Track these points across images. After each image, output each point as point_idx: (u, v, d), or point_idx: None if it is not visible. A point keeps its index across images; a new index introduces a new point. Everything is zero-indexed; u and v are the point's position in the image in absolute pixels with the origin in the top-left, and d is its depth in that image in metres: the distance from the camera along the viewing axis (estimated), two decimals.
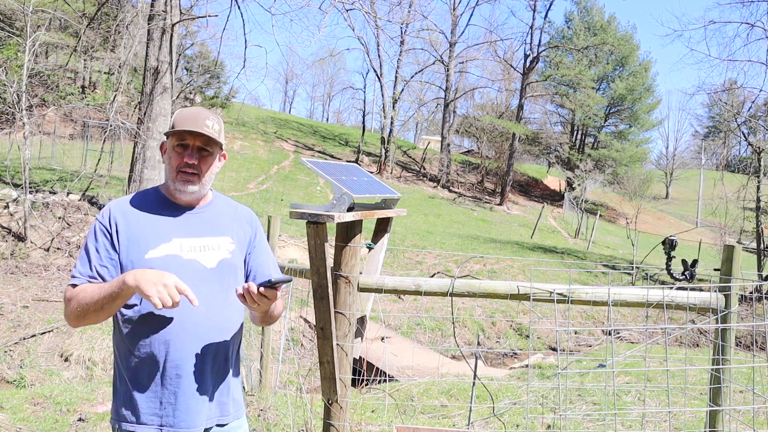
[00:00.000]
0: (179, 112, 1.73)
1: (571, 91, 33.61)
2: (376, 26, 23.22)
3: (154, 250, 1.64)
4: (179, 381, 1.64)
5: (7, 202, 9.03)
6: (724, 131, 40.75)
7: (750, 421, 4.27)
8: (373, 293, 2.80)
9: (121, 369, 1.66)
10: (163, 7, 9.44)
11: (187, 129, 1.66)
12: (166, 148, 1.73)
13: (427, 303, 9.69)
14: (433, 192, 28.69)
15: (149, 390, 1.63)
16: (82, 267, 1.63)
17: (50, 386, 5.01)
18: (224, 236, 1.77)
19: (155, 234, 1.66)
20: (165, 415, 1.64)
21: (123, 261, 1.64)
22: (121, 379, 1.66)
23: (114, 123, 10.39)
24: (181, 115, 1.70)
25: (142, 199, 1.73)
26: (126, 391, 1.65)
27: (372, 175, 3.29)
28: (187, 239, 1.70)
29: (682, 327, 6.99)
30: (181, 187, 1.69)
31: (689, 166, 57.20)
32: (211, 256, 1.72)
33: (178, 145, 1.70)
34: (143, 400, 1.63)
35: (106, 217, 1.66)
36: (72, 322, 1.62)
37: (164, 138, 1.75)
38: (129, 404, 1.64)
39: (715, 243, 19.75)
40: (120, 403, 1.66)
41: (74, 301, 1.58)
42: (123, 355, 1.66)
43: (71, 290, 1.60)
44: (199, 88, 27.13)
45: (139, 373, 1.64)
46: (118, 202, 1.70)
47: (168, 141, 1.73)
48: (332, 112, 73.40)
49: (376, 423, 4.19)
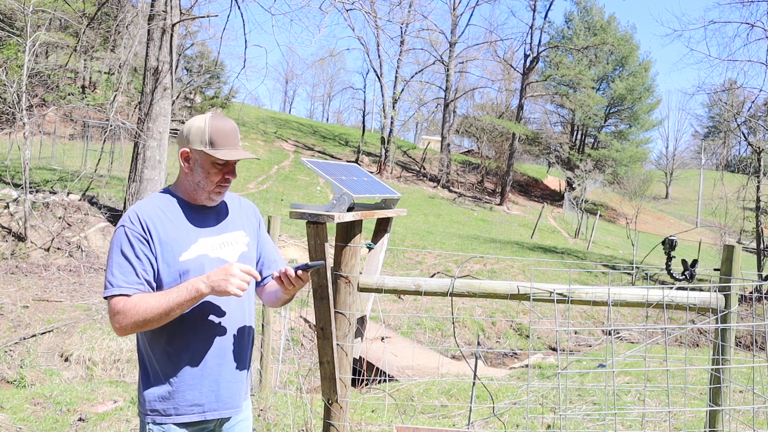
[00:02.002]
0: (214, 126, 1.73)
1: (571, 91, 33.61)
2: (376, 26, 23.22)
3: (186, 252, 1.71)
4: (221, 368, 1.75)
5: (8, 202, 9.04)
6: (724, 131, 40.75)
7: (750, 421, 4.27)
8: (373, 293, 2.80)
9: (155, 365, 1.72)
10: (163, 7, 9.44)
11: (236, 158, 1.72)
12: (196, 158, 1.74)
13: (427, 303, 9.69)
14: (433, 192, 28.69)
15: (190, 381, 1.71)
16: (127, 276, 1.64)
17: (50, 386, 5.01)
18: (239, 231, 1.87)
19: (184, 237, 1.73)
20: (207, 402, 1.74)
21: (159, 265, 1.69)
22: (155, 375, 1.72)
23: (114, 123, 10.39)
24: (220, 132, 1.72)
25: (162, 203, 1.76)
26: (163, 386, 1.70)
27: (372, 175, 3.29)
28: (209, 238, 1.78)
29: (682, 327, 6.98)
30: (215, 198, 1.78)
31: (689, 166, 57.22)
32: (231, 251, 1.82)
33: (219, 163, 1.74)
34: (185, 392, 1.71)
35: (137, 223, 1.67)
36: (127, 331, 1.63)
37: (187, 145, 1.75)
38: (168, 399, 1.71)
39: (715, 243, 19.75)
40: (155, 399, 1.71)
41: (134, 312, 1.60)
42: (160, 351, 1.71)
43: (125, 301, 1.61)
44: (199, 88, 27.12)
45: (181, 367, 1.70)
46: (142, 208, 1.71)
47: (200, 154, 1.74)
48: (332, 112, 73.45)
49: (376, 423, 4.19)
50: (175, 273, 1.69)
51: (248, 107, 36.56)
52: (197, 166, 1.74)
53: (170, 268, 1.68)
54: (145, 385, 1.73)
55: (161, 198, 1.78)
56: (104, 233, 9.40)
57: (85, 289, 7.70)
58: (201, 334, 1.72)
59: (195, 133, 1.72)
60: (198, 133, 1.72)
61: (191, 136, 1.73)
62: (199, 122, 1.74)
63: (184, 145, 1.75)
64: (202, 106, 27.79)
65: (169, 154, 10.58)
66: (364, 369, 6.41)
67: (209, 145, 1.71)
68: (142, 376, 1.76)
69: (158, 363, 1.71)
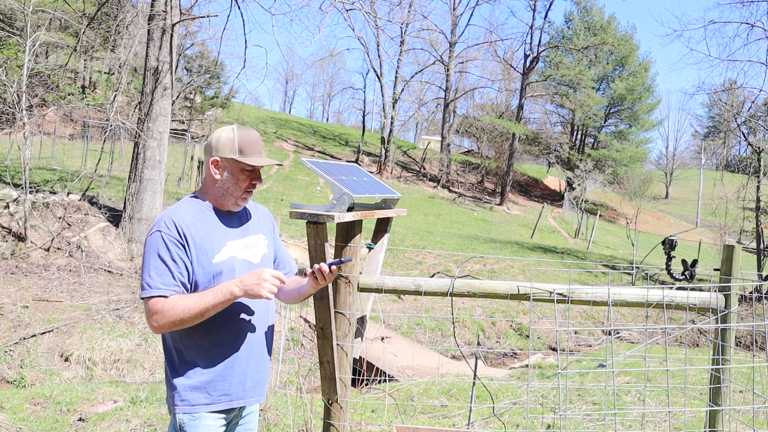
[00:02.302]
0: (242, 135, 1.88)
1: (571, 91, 33.60)
2: (376, 26, 23.21)
3: (218, 255, 1.85)
4: (248, 360, 1.90)
5: (8, 202, 9.03)
6: (724, 131, 40.75)
7: (750, 421, 4.27)
8: (373, 293, 2.80)
9: (187, 359, 1.84)
10: (163, 7, 9.44)
11: (263, 164, 1.89)
12: (225, 165, 1.88)
13: (427, 303, 9.69)
14: (433, 192, 28.69)
15: (222, 373, 1.85)
16: (164, 278, 1.75)
17: (50, 386, 5.01)
18: (259, 234, 2.02)
19: (216, 240, 1.86)
20: (235, 391, 1.88)
21: (195, 267, 1.82)
22: (187, 368, 1.83)
23: (114, 123, 10.39)
24: (247, 140, 1.88)
25: (194, 209, 1.88)
26: (195, 377, 1.83)
27: (372, 175, 3.29)
28: (236, 241, 1.92)
29: (682, 327, 6.98)
30: (241, 203, 1.93)
31: (689, 166, 57.21)
32: (255, 252, 1.96)
33: (248, 170, 1.89)
34: (216, 383, 1.85)
35: (173, 228, 1.78)
36: (164, 329, 1.75)
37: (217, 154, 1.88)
38: (200, 389, 1.83)
39: (715, 243, 19.75)
40: (187, 390, 1.83)
41: (172, 312, 1.72)
42: (193, 345, 1.83)
43: (163, 302, 1.73)
44: (199, 88, 27.12)
45: (214, 360, 1.84)
46: (176, 214, 1.82)
47: (230, 162, 1.87)
48: (332, 112, 73.45)
49: (376, 423, 4.19)
50: (209, 275, 1.82)
51: (248, 107, 36.55)
52: (227, 174, 1.88)
53: (205, 270, 1.81)
54: (176, 377, 1.84)
55: (192, 203, 1.89)
56: (104, 233, 9.40)
57: (85, 289, 7.70)
58: (233, 329, 1.87)
59: (225, 142, 1.86)
60: (228, 142, 1.86)
61: (221, 146, 1.86)
62: (228, 133, 1.88)
63: (214, 154, 1.88)
64: (202, 106, 27.79)
65: (169, 154, 10.57)
66: (364, 369, 6.41)
67: (239, 153, 1.86)
68: (170, 370, 1.87)
69: (190, 356, 1.83)
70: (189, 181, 16.34)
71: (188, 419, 1.83)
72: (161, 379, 5.74)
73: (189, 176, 16.53)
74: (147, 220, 9.53)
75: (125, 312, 6.94)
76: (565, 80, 33.31)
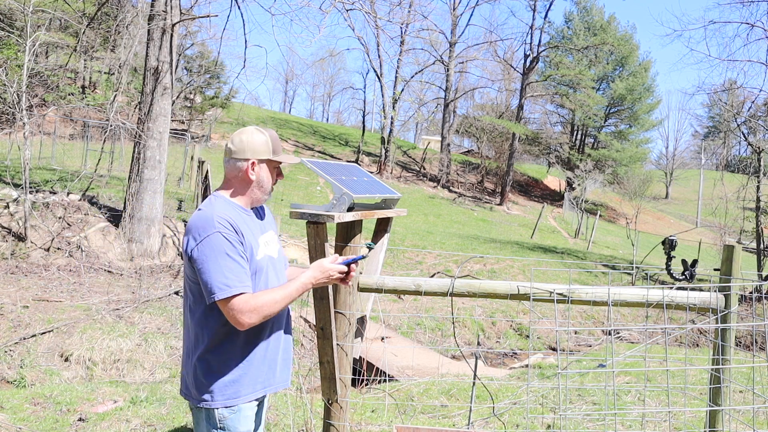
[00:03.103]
0: (271, 137, 2.01)
1: (571, 91, 33.60)
2: (376, 26, 23.21)
3: (258, 251, 1.94)
4: (277, 349, 2.01)
5: (8, 202, 9.03)
6: (724, 131, 40.74)
7: (750, 421, 4.27)
8: (373, 293, 2.80)
9: (225, 355, 1.89)
10: (163, 7, 9.43)
11: (294, 162, 2.07)
12: (261, 166, 1.98)
13: (427, 303, 9.69)
14: (433, 192, 28.69)
15: (258, 364, 1.94)
16: (239, 275, 1.81)
17: (50, 386, 5.01)
18: (271, 230, 2.13)
19: (253, 238, 1.95)
20: (266, 378, 1.98)
21: (249, 264, 1.90)
22: (225, 364, 1.89)
23: (114, 123, 10.39)
24: (275, 141, 2.01)
25: (230, 209, 1.92)
26: (234, 371, 1.89)
27: (372, 175, 3.29)
28: (260, 237, 2.01)
29: (682, 327, 6.99)
30: (267, 198, 2.04)
31: (689, 166, 57.21)
32: (273, 248, 2.07)
33: (277, 170, 2.04)
34: (254, 374, 1.93)
35: (230, 229, 1.84)
36: (253, 324, 1.83)
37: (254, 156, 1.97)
38: (238, 381, 1.90)
39: (715, 243, 19.75)
40: (226, 385, 1.88)
41: (264, 308, 1.83)
42: (233, 341, 1.89)
43: (248, 298, 1.80)
44: (199, 88, 27.12)
45: (254, 353, 1.93)
46: (226, 214, 1.87)
47: (264, 164, 1.99)
48: (332, 112, 73.46)
49: (376, 423, 4.19)
50: (253, 271, 1.90)
51: (248, 107, 36.55)
52: (262, 173, 1.98)
53: (251, 266, 1.90)
54: (214, 376, 1.88)
55: (227, 203, 1.95)
56: (104, 233, 9.40)
57: (85, 289, 7.70)
58: (268, 324, 1.96)
59: (260, 144, 1.96)
60: (263, 144, 1.96)
61: (257, 148, 1.95)
62: (259, 135, 1.97)
63: (251, 157, 1.95)
64: (202, 106, 27.78)
65: (169, 154, 10.57)
66: (364, 369, 6.41)
67: (273, 153, 1.98)
68: (204, 368, 1.89)
69: (229, 352, 1.89)
70: (189, 181, 16.34)
71: (229, 413, 1.89)
72: (161, 379, 5.74)
73: (189, 176, 16.53)
74: (147, 220, 9.53)
75: (125, 312, 6.94)
76: (565, 80, 33.31)
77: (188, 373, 1.93)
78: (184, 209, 12.39)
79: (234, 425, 1.90)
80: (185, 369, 1.95)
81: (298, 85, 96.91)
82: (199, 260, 1.80)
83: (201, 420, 1.92)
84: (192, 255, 1.82)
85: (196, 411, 1.93)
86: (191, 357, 1.91)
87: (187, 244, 1.84)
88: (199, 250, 1.80)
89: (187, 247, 1.84)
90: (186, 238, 1.87)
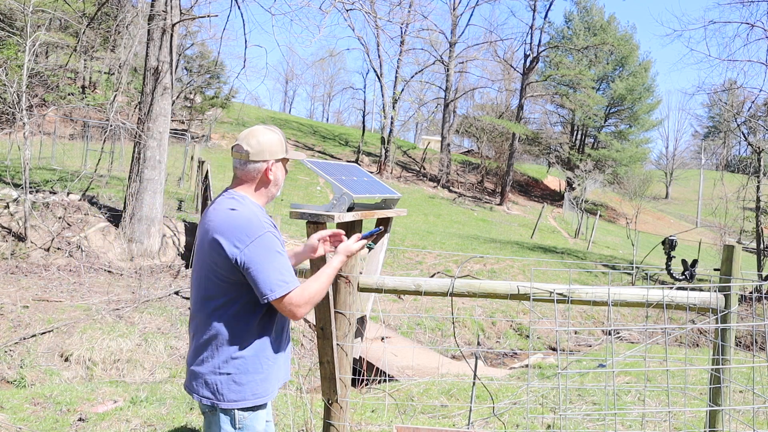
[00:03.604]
0: (282, 135, 2.07)
1: (571, 91, 33.59)
2: (376, 26, 23.21)
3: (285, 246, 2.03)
4: (288, 343, 2.09)
5: (8, 202, 9.03)
6: (724, 131, 40.73)
7: (750, 421, 4.27)
8: (373, 293, 2.80)
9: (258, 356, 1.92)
10: (163, 7, 9.43)
11: (302, 157, 2.18)
12: (277, 165, 2.04)
13: (427, 303, 9.69)
14: (433, 192, 28.68)
15: (282, 359, 2.02)
16: (291, 272, 1.90)
17: (50, 386, 5.01)
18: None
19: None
20: (283, 374, 2.05)
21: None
22: (256, 365, 1.91)
23: (114, 123, 10.38)
24: (285, 137, 2.09)
25: (258, 208, 1.97)
26: (262, 371, 1.93)
27: (372, 175, 3.29)
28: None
29: (682, 327, 6.98)
30: (278, 194, 2.13)
31: (689, 166, 57.20)
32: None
33: (286, 163, 2.11)
34: (278, 370, 2.00)
35: (274, 227, 1.94)
36: (306, 313, 1.90)
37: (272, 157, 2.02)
38: (266, 381, 1.94)
39: (715, 243, 19.75)
40: (256, 383, 1.91)
41: (317, 298, 1.91)
42: (264, 342, 1.93)
43: (302, 290, 1.87)
44: (199, 88, 27.11)
45: (277, 351, 1.99)
46: (263, 214, 1.95)
47: (279, 163, 2.05)
48: (332, 112, 73.45)
49: (376, 423, 4.19)
50: None
51: (248, 107, 36.54)
52: (278, 172, 2.05)
53: None
54: (250, 375, 1.89)
55: (254, 204, 1.98)
56: (104, 233, 9.40)
57: (85, 289, 7.70)
58: (286, 320, 2.04)
59: (277, 145, 2.01)
60: (279, 144, 2.01)
61: (274, 148, 1.99)
62: (272, 135, 2.01)
63: (270, 158, 1.99)
64: (202, 106, 27.78)
65: (169, 154, 10.57)
66: (364, 369, 6.41)
67: (286, 151, 2.06)
68: (242, 370, 1.88)
69: (264, 351, 1.93)
70: (189, 181, 16.34)
71: (248, 413, 1.92)
72: (161, 379, 5.74)
73: (189, 176, 16.53)
74: (147, 220, 9.53)
75: (125, 312, 6.94)
76: (565, 80, 33.30)
77: (213, 374, 1.88)
78: (184, 209, 12.39)
79: (252, 425, 1.92)
80: (203, 370, 1.89)
81: (298, 85, 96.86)
82: (251, 261, 1.80)
83: (219, 422, 1.89)
84: (241, 257, 1.80)
85: (217, 413, 1.89)
86: (218, 357, 1.87)
87: (232, 246, 1.80)
88: (252, 251, 1.80)
89: (231, 250, 1.80)
90: (227, 241, 1.81)
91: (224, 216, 1.86)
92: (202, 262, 1.90)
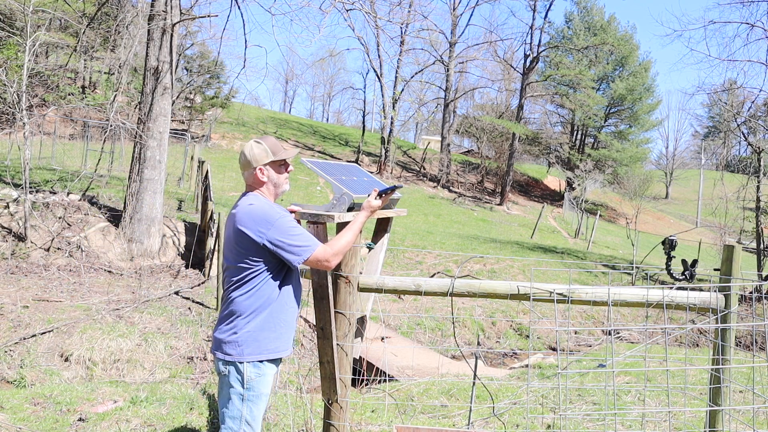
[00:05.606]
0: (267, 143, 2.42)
1: (571, 91, 33.58)
2: (376, 26, 23.21)
3: None
4: (296, 317, 2.45)
5: (8, 202, 9.03)
6: (724, 131, 40.73)
7: (750, 421, 4.27)
8: (373, 293, 2.80)
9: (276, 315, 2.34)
10: (163, 7, 9.43)
11: (290, 155, 2.46)
12: (268, 167, 2.41)
13: (427, 303, 9.69)
14: (433, 192, 28.69)
15: (291, 325, 2.42)
16: (309, 238, 2.31)
17: (50, 386, 5.01)
18: None
19: None
20: (291, 340, 2.43)
21: None
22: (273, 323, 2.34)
23: (114, 123, 10.38)
24: (272, 145, 2.43)
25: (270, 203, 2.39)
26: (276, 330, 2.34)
27: (372, 175, 3.29)
28: None
29: (682, 327, 6.98)
30: (288, 185, 2.49)
31: (689, 166, 57.20)
32: None
33: (281, 163, 2.45)
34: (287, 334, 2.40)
35: (285, 212, 2.38)
36: (337, 262, 2.35)
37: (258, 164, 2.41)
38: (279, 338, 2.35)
39: (715, 243, 19.75)
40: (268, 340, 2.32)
41: (344, 248, 2.37)
42: (283, 303, 2.36)
43: (328, 247, 2.33)
44: (199, 88, 27.11)
45: (291, 314, 2.41)
46: (275, 205, 2.40)
47: (273, 165, 2.42)
48: (332, 112, 73.43)
49: (376, 423, 4.19)
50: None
51: (248, 107, 36.54)
52: (271, 173, 2.41)
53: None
54: (261, 334, 2.31)
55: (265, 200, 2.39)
56: (104, 233, 9.40)
57: (85, 289, 7.70)
58: (298, 293, 2.46)
59: (259, 153, 2.39)
60: (262, 152, 2.39)
61: (257, 157, 2.39)
62: (257, 146, 2.40)
63: (255, 165, 2.39)
64: (202, 106, 27.78)
65: (169, 154, 10.57)
66: (364, 369, 6.41)
67: (272, 155, 2.40)
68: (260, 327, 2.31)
69: (280, 312, 2.35)
70: (189, 181, 16.34)
71: (255, 374, 2.31)
72: (161, 379, 5.74)
73: (189, 176, 16.53)
74: (147, 219, 9.53)
75: (125, 312, 6.94)
76: (565, 80, 33.30)
77: (237, 334, 2.30)
78: (184, 209, 12.39)
79: (259, 387, 2.32)
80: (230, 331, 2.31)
81: (298, 85, 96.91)
82: (276, 240, 2.25)
83: (230, 381, 2.30)
84: (267, 240, 2.25)
85: (232, 372, 2.30)
86: (242, 320, 2.30)
87: (257, 233, 2.25)
88: (274, 233, 2.25)
89: (257, 236, 2.25)
90: (251, 230, 2.25)
91: (245, 210, 2.30)
92: (232, 248, 2.33)
